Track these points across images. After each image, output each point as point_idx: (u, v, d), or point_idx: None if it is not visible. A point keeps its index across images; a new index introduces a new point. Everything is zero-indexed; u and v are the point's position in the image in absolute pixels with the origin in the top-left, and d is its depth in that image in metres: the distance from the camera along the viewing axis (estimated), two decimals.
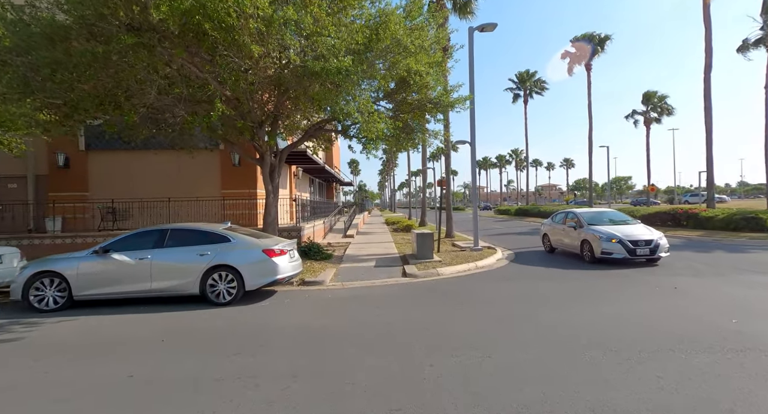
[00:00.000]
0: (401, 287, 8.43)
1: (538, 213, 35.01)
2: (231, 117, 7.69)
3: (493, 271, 10.20)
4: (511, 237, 19.63)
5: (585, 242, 10.44)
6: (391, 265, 11.12)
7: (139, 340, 5.27)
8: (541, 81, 40.52)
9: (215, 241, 7.11)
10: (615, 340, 4.63)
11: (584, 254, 10.52)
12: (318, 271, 10.27)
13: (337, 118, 10.44)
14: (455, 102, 11.83)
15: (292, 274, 7.60)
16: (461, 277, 9.59)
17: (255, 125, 8.57)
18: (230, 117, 7.76)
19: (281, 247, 7.39)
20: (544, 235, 13.27)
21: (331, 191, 36.80)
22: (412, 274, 9.75)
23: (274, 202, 10.54)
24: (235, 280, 6.90)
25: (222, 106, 6.43)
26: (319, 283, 9.00)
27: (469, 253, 13.12)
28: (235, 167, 14.75)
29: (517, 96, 42.47)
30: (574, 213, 11.76)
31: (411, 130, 12.03)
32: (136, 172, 14.41)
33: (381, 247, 15.08)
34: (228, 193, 14.47)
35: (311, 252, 11.99)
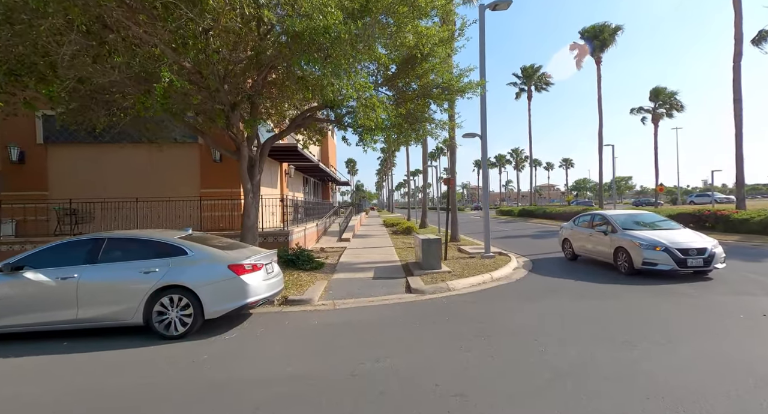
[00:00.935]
0: (406, 308, 6.83)
1: (543, 214, 33.50)
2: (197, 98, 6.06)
3: (513, 285, 8.61)
4: (522, 241, 18.06)
5: (620, 250, 8.89)
6: (393, 277, 9.52)
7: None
8: (546, 76, 38.99)
9: (167, 253, 5.48)
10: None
11: (619, 264, 8.97)
12: (306, 284, 8.66)
13: (329, 104, 8.85)
14: (466, 87, 10.24)
15: (269, 294, 5.99)
16: (477, 292, 8.00)
17: (226, 108, 6.96)
18: (195, 98, 6.12)
19: (254, 261, 5.77)
20: (565, 240, 11.71)
21: (327, 191, 35.17)
22: (418, 289, 8.15)
23: (254, 203, 8.93)
24: (191, 306, 5.28)
25: (169, 75, 4.83)
26: (305, 301, 7.40)
27: (479, 260, 11.53)
28: (216, 163, 13.12)
29: (521, 92, 40.90)
30: (604, 215, 10.17)
31: (415, 120, 10.44)
32: (104, 168, 12.75)
33: (380, 254, 13.47)
34: (208, 193, 12.84)
35: (300, 260, 10.37)
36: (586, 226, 10.75)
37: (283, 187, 20.10)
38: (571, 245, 11.26)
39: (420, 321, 5.94)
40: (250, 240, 8.87)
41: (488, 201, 12.53)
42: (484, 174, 12.51)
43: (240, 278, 5.49)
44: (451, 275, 9.35)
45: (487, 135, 12.19)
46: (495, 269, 10.03)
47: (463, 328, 5.50)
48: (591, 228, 10.37)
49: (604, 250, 9.60)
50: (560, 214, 31.02)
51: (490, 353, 4.47)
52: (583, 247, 10.73)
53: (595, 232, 9.97)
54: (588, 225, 10.69)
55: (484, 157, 12.35)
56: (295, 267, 10.28)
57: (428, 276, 9.31)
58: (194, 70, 6.06)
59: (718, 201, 50.36)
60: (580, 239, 10.83)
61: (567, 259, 11.51)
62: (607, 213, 10.34)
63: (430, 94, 10.20)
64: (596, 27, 27.97)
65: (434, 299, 7.48)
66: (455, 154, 16.37)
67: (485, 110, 12.17)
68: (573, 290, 7.69)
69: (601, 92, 28.34)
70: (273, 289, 6.15)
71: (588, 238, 10.40)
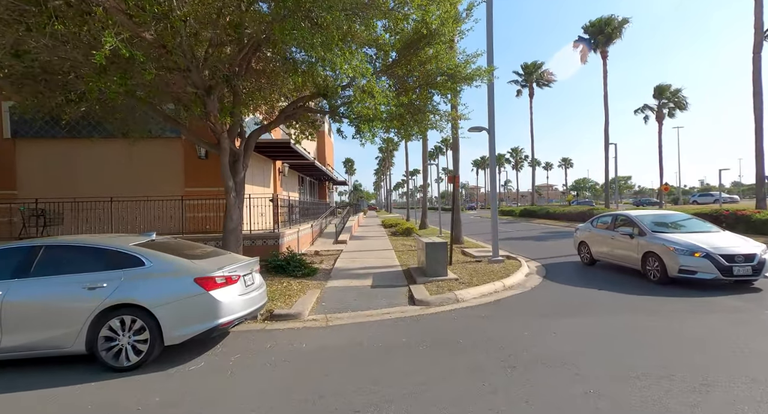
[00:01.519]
0: (410, 325, 5.83)
1: (546, 214, 32.56)
2: (151, 73, 4.99)
3: (529, 295, 7.62)
4: (528, 243, 17.09)
5: (650, 256, 7.91)
6: (394, 285, 8.53)
7: None
8: (548, 73, 38.04)
9: (119, 264, 4.47)
10: None
11: (649, 272, 7.98)
12: (296, 294, 7.65)
13: (322, 92, 7.86)
14: (474, 74, 9.26)
15: (247, 312, 4.97)
16: (489, 304, 7.01)
17: (200, 92, 5.95)
18: (148, 74, 5.04)
19: (228, 273, 4.76)
20: (581, 243, 10.72)
21: (324, 191, 34.14)
22: (422, 300, 7.16)
23: (237, 203, 7.92)
24: (147, 329, 4.27)
25: (113, 41, 3.81)
26: (293, 317, 6.40)
27: (487, 265, 10.55)
28: (201, 160, 12.09)
29: (522, 89, 39.96)
30: (628, 216, 9.18)
31: (418, 111, 9.45)
32: (80, 165, 11.70)
33: (379, 258, 12.47)
34: (192, 192, 11.81)
35: (290, 266, 9.37)
36: (607, 228, 9.78)
37: (277, 187, 19.08)
38: (589, 249, 10.28)
39: (428, 344, 4.94)
40: (233, 244, 7.87)
41: (497, 201, 11.56)
42: (492, 171, 11.53)
43: (209, 294, 4.48)
44: (458, 283, 8.36)
45: (495, 128, 11.21)
46: (506, 276, 9.05)
47: (482, 355, 4.50)
48: (613, 230, 9.38)
49: (629, 255, 8.62)
50: (564, 214, 30.09)
51: (523, 395, 3.47)
52: (603, 251, 9.76)
53: (619, 235, 8.98)
54: (609, 227, 9.71)
55: (492, 153, 11.37)
56: (285, 273, 9.28)
57: (433, 284, 8.33)
58: (157, 43, 5.06)
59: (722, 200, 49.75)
60: (600, 243, 9.86)
61: (584, 264, 10.53)
62: (631, 213, 9.33)
63: (434, 83, 9.22)
64: (602, 20, 26.98)
65: (442, 313, 6.49)
66: (458, 151, 15.38)
67: (493, 101, 11.20)
68: (600, 303, 6.70)
69: (607, 88, 27.42)
70: (252, 305, 5.14)
71: (609, 242, 9.42)
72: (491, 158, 11.43)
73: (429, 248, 8.83)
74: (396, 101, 8.29)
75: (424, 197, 26.73)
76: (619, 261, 9.16)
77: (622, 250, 8.92)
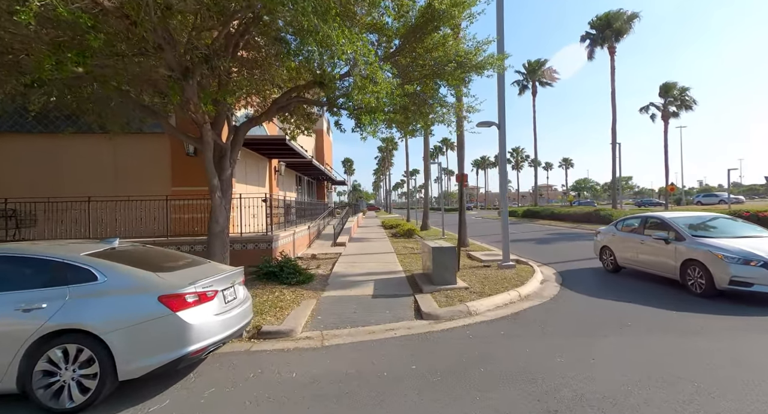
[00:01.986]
0: (418, 346, 5.00)
1: (551, 215, 31.74)
2: (96, 40, 4.12)
3: (550, 307, 6.80)
4: (536, 245, 16.27)
5: (692, 264, 6.99)
6: (397, 294, 7.70)
7: None
8: (552, 70, 37.26)
9: (63, 280, 3.63)
10: None
11: (690, 282, 7.05)
12: (288, 306, 6.82)
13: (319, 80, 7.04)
14: (485, 63, 8.45)
15: (225, 335, 4.14)
16: (507, 318, 6.19)
17: (175, 75, 5.12)
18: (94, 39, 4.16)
19: (202, 288, 3.93)
20: (604, 248, 9.81)
21: (322, 190, 33.30)
22: (431, 313, 6.34)
23: (223, 203, 7.09)
24: (96, 361, 3.43)
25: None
26: (284, 334, 5.57)
27: (497, 271, 9.73)
28: (189, 157, 11.24)
29: (525, 88, 39.15)
30: (662, 219, 8.26)
31: (423, 102, 8.63)
32: (58, 163, 10.85)
33: (380, 262, 11.64)
34: (180, 191, 10.97)
35: (284, 273, 8.53)
36: (634, 231, 8.91)
37: (273, 186, 18.25)
38: (613, 254, 9.36)
39: (442, 374, 4.11)
40: (219, 250, 7.04)
41: (506, 201, 10.73)
42: (502, 170, 10.71)
43: (176, 316, 3.64)
44: (469, 293, 7.54)
45: (506, 123, 10.39)
46: (521, 284, 8.24)
47: (513, 390, 3.67)
48: (642, 234, 8.52)
49: (664, 263, 7.70)
50: (569, 215, 29.28)
51: None
52: (630, 257, 8.85)
53: (651, 240, 8.07)
54: (637, 230, 8.81)
55: (503, 150, 10.54)
56: (278, 281, 8.45)
57: (441, 294, 7.50)
58: (120, 14, 4.24)
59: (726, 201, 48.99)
60: (627, 248, 8.94)
61: (607, 271, 9.63)
62: (664, 215, 8.42)
63: (441, 73, 8.39)
64: (609, 15, 26.15)
65: (454, 330, 5.66)
66: (464, 148, 14.56)
67: (503, 93, 10.38)
68: (636, 319, 5.85)
69: (614, 85, 26.59)
70: (233, 326, 4.30)
71: (638, 247, 8.51)
72: (501, 156, 10.60)
73: (436, 254, 8.00)
74: (400, 91, 7.48)
75: (426, 197, 25.88)
76: (650, 269, 8.25)
77: (654, 257, 8.01)
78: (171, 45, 4.83)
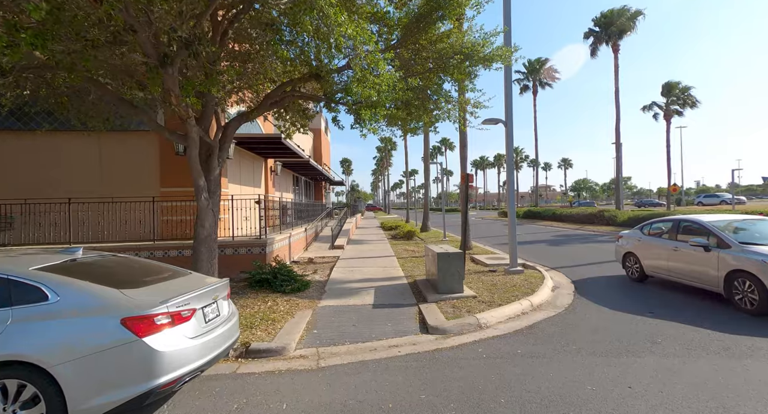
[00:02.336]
0: (426, 368, 4.42)
1: (552, 216, 31.23)
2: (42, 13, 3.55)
3: (566, 319, 6.24)
4: (540, 247, 15.72)
5: (741, 276, 6.13)
6: (400, 304, 7.13)
7: None
8: (553, 69, 36.75)
9: (6, 300, 3.05)
10: None
11: (738, 297, 6.19)
12: (281, 318, 6.24)
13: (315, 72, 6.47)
14: (493, 55, 7.90)
15: (205, 361, 3.56)
16: (521, 333, 5.62)
17: (151, 62, 4.53)
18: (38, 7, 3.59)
19: (176, 308, 3.35)
20: (628, 254, 8.93)
21: (320, 191, 32.70)
22: (437, 327, 5.77)
23: (210, 205, 6.50)
24: (42, 400, 2.85)
25: None
26: (275, 353, 5.00)
27: (506, 277, 9.18)
28: (179, 157, 10.59)
29: (526, 87, 38.63)
30: (700, 223, 7.28)
31: (427, 98, 8.08)
32: (41, 162, 10.23)
33: (380, 267, 11.06)
34: (169, 193, 10.39)
35: (277, 280, 7.96)
36: (666, 236, 8.00)
37: (269, 187, 17.66)
38: (639, 262, 8.48)
39: (456, 405, 3.54)
40: (206, 257, 6.45)
41: (515, 202, 10.17)
42: (509, 169, 10.14)
43: (142, 342, 3.06)
44: (477, 302, 6.98)
45: (513, 119, 9.83)
46: (531, 292, 7.68)
47: None
48: (674, 240, 7.67)
49: (703, 273, 6.85)
50: (571, 216, 28.75)
51: None
52: (660, 265, 7.92)
53: (687, 247, 7.20)
54: (668, 235, 7.92)
55: (510, 148, 9.98)
56: (272, 289, 7.87)
57: (447, 304, 6.94)
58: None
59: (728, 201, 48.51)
60: (656, 255, 8.02)
61: (631, 280, 8.79)
62: (702, 219, 7.46)
63: (446, 67, 7.84)
64: (613, 12, 25.66)
65: (465, 347, 5.09)
66: (467, 147, 14.00)
67: (510, 88, 9.82)
68: (671, 336, 5.24)
69: (618, 83, 26.04)
70: (215, 349, 3.72)
71: (671, 254, 7.60)
72: (508, 154, 10.04)
73: (441, 260, 7.43)
74: (402, 84, 6.91)
75: (426, 198, 25.30)
76: (684, 279, 7.35)
77: (691, 266, 7.14)
78: (145, 27, 4.25)
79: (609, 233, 21.14)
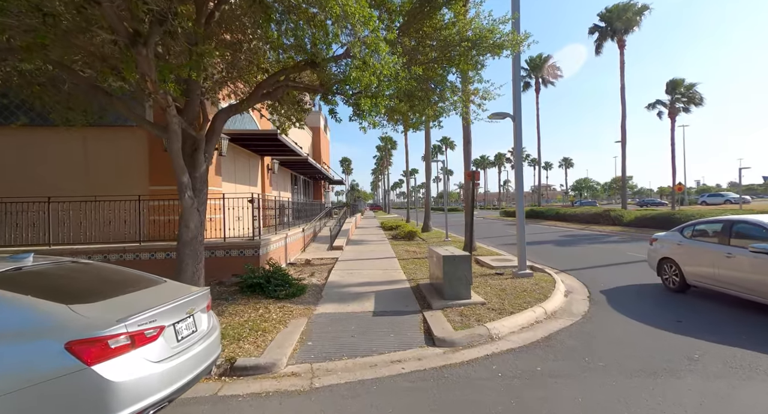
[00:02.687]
0: (434, 389, 3.87)
1: (556, 216, 30.69)
2: None
3: (585, 329, 5.68)
4: (549, 248, 15.16)
5: None
6: (403, 311, 6.57)
7: None
8: (555, 67, 36.13)
9: None
10: None
11: None
12: (273, 328, 5.68)
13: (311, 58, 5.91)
14: (503, 43, 7.34)
15: (175, 388, 3.00)
16: (538, 345, 5.06)
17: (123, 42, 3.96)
18: None
19: (137, 327, 2.79)
20: (664, 260, 7.80)
21: (319, 190, 32.15)
22: (445, 339, 5.21)
23: (196, 205, 5.94)
24: None
25: None
26: (264, 369, 4.45)
27: (514, 280, 8.63)
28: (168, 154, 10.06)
29: (528, 85, 38.02)
30: (763, 225, 6.19)
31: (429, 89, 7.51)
32: (29, 159, 9.67)
33: (380, 269, 10.50)
34: (158, 191, 9.80)
35: (271, 285, 7.40)
36: (713, 239, 6.94)
37: (266, 185, 17.12)
38: (679, 269, 7.37)
39: None
40: (190, 260, 5.89)
41: (523, 201, 9.61)
42: (518, 166, 9.58)
43: (92, 371, 2.50)
44: (487, 310, 6.42)
45: (521, 113, 9.26)
46: (544, 298, 7.13)
47: None
48: (726, 244, 6.57)
49: (765, 284, 5.80)
50: (575, 215, 28.19)
51: None
52: (705, 273, 6.85)
53: (744, 253, 6.16)
54: (719, 238, 6.79)
55: (519, 143, 9.42)
56: (264, 294, 7.31)
57: (454, 311, 6.38)
58: None
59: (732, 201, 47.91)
60: (702, 261, 6.95)
61: (668, 289, 7.68)
62: (764, 220, 6.30)
63: (451, 56, 7.28)
64: (619, 6, 25.08)
65: (476, 364, 4.54)
66: (471, 143, 13.43)
67: (518, 80, 9.27)
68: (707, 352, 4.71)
69: (624, 80, 25.42)
70: (189, 372, 3.16)
71: (722, 261, 6.51)
72: (516, 151, 9.47)
73: (447, 263, 6.87)
74: (406, 73, 6.36)
75: (427, 197, 24.74)
76: (742, 292, 6.22)
77: (750, 275, 6.06)
78: None
79: (617, 234, 20.58)
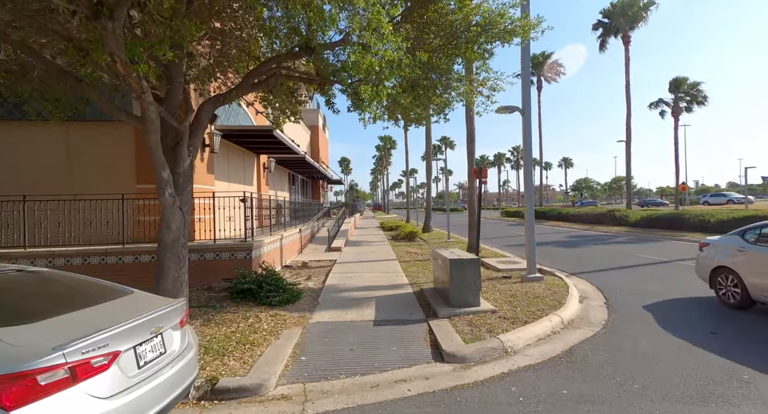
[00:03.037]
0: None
1: (558, 216, 30.16)
2: None
3: (609, 341, 5.13)
4: (556, 250, 14.63)
5: None
6: (406, 320, 6.01)
7: None
8: (557, 64, 35.59)
9: None
10: None
11: None
12: (262, 341, 5.11)
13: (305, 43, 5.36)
14: (514, 28, 6.78)
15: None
16: (559, 363, 4.50)
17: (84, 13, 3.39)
18: None
19: (81, 355, 2.22)
20: (719, 269, 6.65)
21: (318, 190, 31.56)
22: (455, 355, 4.65)
23: (178, 204, 5.37)
24: None
25: None
26: (250, 392, 3.88)
27: (524, 285, 8.07)
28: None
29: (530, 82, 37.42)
30: None
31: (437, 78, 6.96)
32: (4, 155, 9.07)
33: (381, 272, 9.93)
34: (146, 190, 9.19)
35: (263, 290, 6.83)
36: None
37: (262, 184, 16.54)
38: (741, 281, 6.18)
39: None
40: (172, 264, 5.32)
41: (533, 200, 9.06)
42: (527, 163, 9.04)
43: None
44: (499, 319, 5.85)
45: (531, 107, 8.72)
46: (558, 304, 6.58)
47: None
48: None
49: None
50: (578, 215, 27.67)
51: None
52: None
53: None
54: None
55: (528, 139, 8.88)
56: (256, 301, 6.74)
57: (463, 320, 5.82)
58: None
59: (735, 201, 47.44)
60: None
61: (722, 303, 6.57)
62: None
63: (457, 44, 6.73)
64: (624, 2, 24.52)
65: (491, 384, 3.98)
66: (474, 140, 12.88)
67: (528, 71, 8.82)
68: (757, 371, 4.17)
69: (629, 77, 24.91)
70: (153, 406, 2.60)
71: None
72: (525, 147, 8.92)
73: (454, 267, 6.30)
74: (409, 60, 5.80)
75: (428, 197, 24.19)
76: None
77: None
78: None
79: (623, 234, 20.07)
